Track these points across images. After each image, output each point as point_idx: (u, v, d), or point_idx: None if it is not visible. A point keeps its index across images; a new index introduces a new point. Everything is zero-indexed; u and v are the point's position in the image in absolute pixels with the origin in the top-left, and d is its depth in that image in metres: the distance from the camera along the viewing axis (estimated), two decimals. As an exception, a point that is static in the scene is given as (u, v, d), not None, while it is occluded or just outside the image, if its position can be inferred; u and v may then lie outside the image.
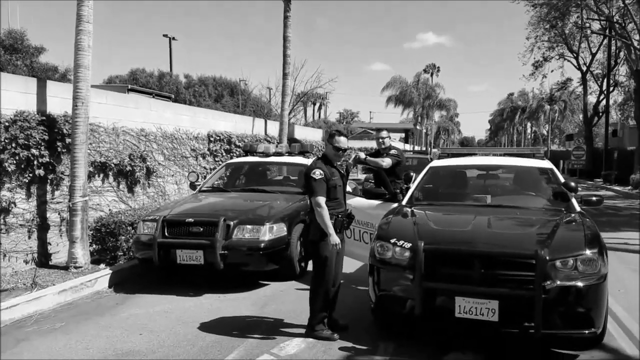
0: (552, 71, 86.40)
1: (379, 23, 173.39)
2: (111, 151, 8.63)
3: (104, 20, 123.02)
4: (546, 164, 6.32)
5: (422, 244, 4.35)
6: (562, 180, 5.79)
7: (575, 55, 33.22)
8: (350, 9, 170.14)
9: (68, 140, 7.18)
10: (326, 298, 4.80)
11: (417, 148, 46.81)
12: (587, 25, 30.63)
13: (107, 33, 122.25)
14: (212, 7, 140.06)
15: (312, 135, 21.41)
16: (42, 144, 7.00)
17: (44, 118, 7.07)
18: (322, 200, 4.68)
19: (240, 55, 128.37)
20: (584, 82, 34.38)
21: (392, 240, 4.65)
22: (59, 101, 7.44)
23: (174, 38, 34.82)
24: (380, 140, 6.90)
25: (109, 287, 6.58)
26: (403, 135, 59.00)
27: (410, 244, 4.50)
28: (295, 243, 6.70)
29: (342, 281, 6.67)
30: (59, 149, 7.29)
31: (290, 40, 15.13)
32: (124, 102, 9.44)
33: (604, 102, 30.64)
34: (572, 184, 5.54)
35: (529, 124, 78.12)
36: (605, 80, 30.32)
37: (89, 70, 6.98)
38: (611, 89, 29.93)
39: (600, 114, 32.69)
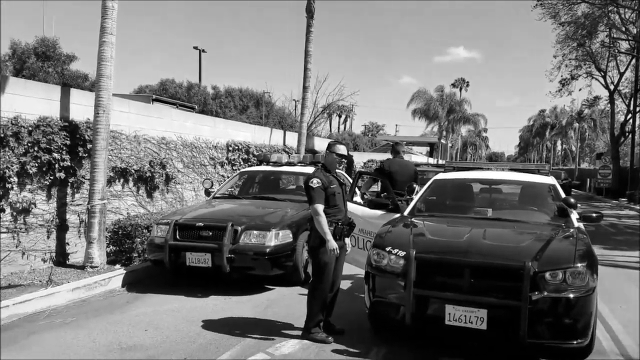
0: (580, 89, 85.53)
1: (409, 36, 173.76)
2: (132, 158, 8.99)
3: (136, 31, 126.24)
4: (549, 180, 6.41)
5: (414, 252, 4.51)
6: (563, 196, 5.87)
7: (603, 74, 32.79)
8: (378, 22, 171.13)
9: (89, 145, 7.54)
10: (323, 302, 4.98)
11: (441, 162, 46.67)
12: (617, 45, 30.31)
13: (140, 43, 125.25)
14: (241, 22, 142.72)
15: (333, 148, 21.58)
16: (64, 148, 7.39)
17: (67, 124, 7.48)
18: (320, 207, 4.87)
19: (266, 67, 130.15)
20: (611, 101, 33.87)
21: (388, 249, 4.81)
22: (82, 109, 7.83)
23: (203, 50, 35.66)
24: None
25: (122, 286, 6.88)
26: (428, 149, 58.89)
27: (405, 252, 4.64)
28: (301, 250, 6.90)
29: (350, 285, 6.92)
30: (81, 154, 7.67)
31: (311, 55, 15.42)
32: (146, 112, 9.83)
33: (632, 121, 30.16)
34: (572, 200, 5.63)
35: (559, 141, 77.05)
36: (632, 99, 29.85)
37: (111, 79, 7.35)
38: (639, 108, 29.47)
39: (627, 133, 32.15)
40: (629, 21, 27.30)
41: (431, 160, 41.71)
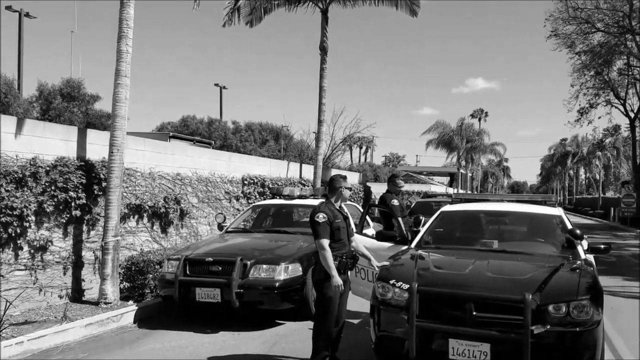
0: (599, 117, 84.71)
1: (427, 68, 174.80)
2: (147, 194, 9.19)
3: (159, 72, 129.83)
4: (555, 211, 6.38)
5: (416, 285, 4.52)
6: (569, 227, 5.84)
7: (622, 101, 32.51)
8: (396, 55, 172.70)
9: (104, 184, 7.74)
10: (328, 337, 4.98)
11: (461, 191, 46.30)
12: (635, 72, 30.14)
13: (162, 83, 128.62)
14: (260, 58, 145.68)
15: (349, 179, 21.67)
16: (80, 187, 7.61)
17: (83, 163, 7.72)
18: (325, 242, 4.92)
19: (286, 101, 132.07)
20: (632, 128, 33.45)
21: (392, 282, 4.81)
22: (98, 148, 8.10)
23: (224, 87, 36.41)
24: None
25: (134, 322, 6.96)
26: (448, 179, 58.66)
27: (408, 285, 4.64)
28: (311, 283, 6.91)
29: (360, 320, 6.89)
30: (96, 192, 7.88)
31: (325, 90, 15.68)
32: (161, 149, 10.08)
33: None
34: (578, 231, 5.57)
35: (581, 170, 75.95)
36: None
37: (125, 120, 7.61)
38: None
39: (651, 161, 31.64)
40: (646, 48, 27.17)
41: (450, 191, 41.42)
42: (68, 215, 7.55)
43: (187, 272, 6.77)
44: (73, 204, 7.55)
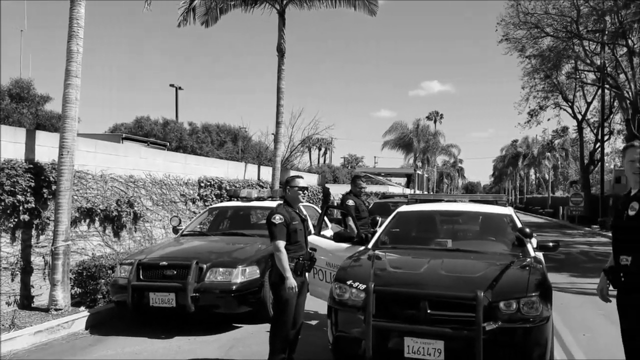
0: (548, 119, 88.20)
1: (384, 70, 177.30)
2: (98, 197, 8.95)
3: (111, 71, 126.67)
4: (506, 210, 6.57)
5: (373, 285, 4.56)
6: (519, 226, 6.01)
7: (570, 104, 33.83)
8: (355, 58, 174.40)
9: (54, 187, 7.49)
10: (285, 339, 4.96)
11: (418, 192, 47.12)
12: (583, 76, 31.40)
13: (116, 83, 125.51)
14: (217, 59, 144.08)
15: (308, 180, 21.75)
16: (29, 190, 7.32)
17: (32, 166, 7.43)
18: (281, 244, 4.90)
19: (243, 103, 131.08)
20: (579, 130, 34.86)
21: (349, 282, 4.84)
22: (47, 150, 7.83)
23: (180, 88, 35.86)
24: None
25: (86, 329, 6.77)
26: (405, 179, 59.55)
27: (365, 286, 4.69)
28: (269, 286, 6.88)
29: (318, 321, 6.90)
30: (45, 195, 7.61)
31: (283, 92, 15.64)
32: (113, 151, 9.84)
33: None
34: (527, 230, 5.75)
35: (532, 170, 78.50)
36: (600, 128, 30.75)
37: (76, 121, 7.39)
38: (606, 137, 30.35)
39: (597, 161, 32.98)
40: (593, 53, 28.36)
41: (407, 191, 42.09)
42: (16, 220, 7.26)
43: (141, 277, 6.62)
44: (21, 207, 7.27)
